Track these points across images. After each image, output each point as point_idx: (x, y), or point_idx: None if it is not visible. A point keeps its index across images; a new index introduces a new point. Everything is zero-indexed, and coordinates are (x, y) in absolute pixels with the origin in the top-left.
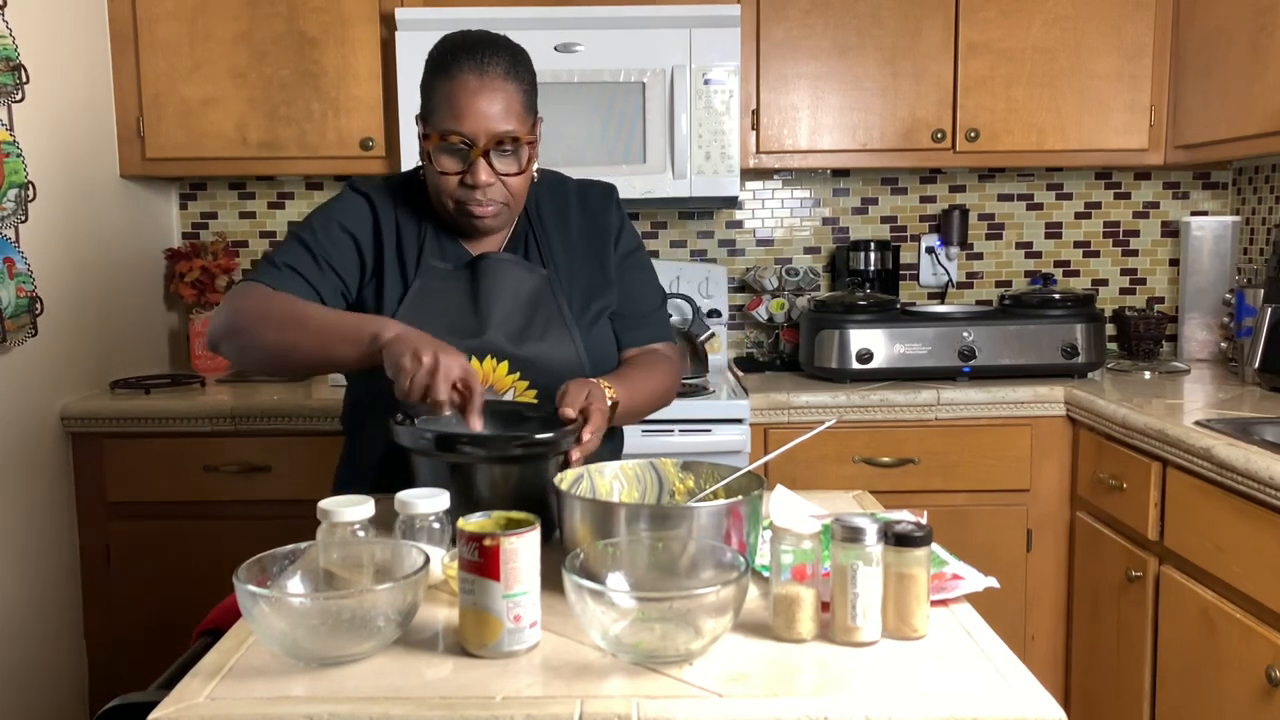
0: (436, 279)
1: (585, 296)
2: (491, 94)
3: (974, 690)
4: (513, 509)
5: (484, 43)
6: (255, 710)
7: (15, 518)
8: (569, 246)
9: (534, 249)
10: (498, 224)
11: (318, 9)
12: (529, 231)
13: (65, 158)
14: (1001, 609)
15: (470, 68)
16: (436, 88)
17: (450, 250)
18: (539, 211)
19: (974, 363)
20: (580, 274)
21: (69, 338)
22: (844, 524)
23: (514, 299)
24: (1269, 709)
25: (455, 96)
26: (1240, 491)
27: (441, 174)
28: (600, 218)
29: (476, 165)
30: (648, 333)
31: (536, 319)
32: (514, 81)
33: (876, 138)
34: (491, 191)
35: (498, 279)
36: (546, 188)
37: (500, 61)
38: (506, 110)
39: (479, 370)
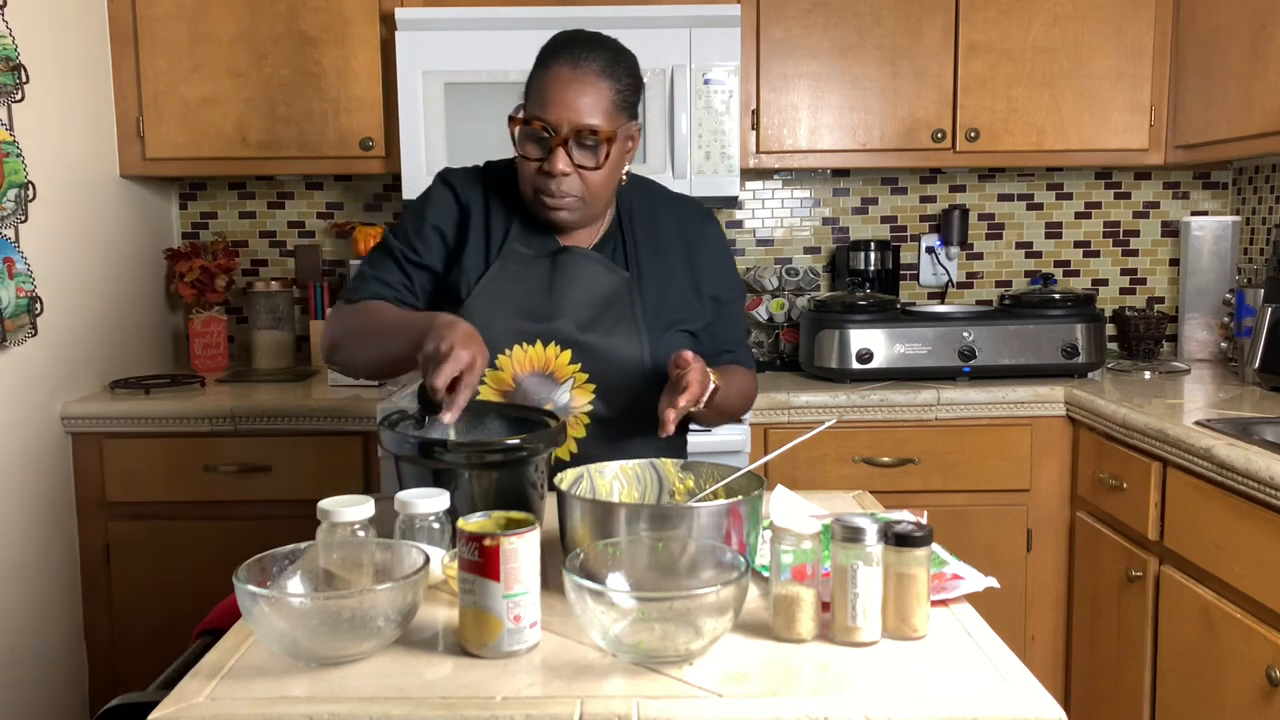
0: (516, 263)
1: (663, 307)
2: (581, 87)
3: (974, 690)
4: (495, 509)
5: (586, 39)
6: (255, 710)
7: (15, 518)
8: (657, 255)
9: (621, 251)
10: (573, 219)
11: (318, 9)
12: (619, 234)
13: (65, 158)
14: (1001, 609)
15: (566, 60)
16: (534, 77)
17: (537, 240)
18: (631, 216)
19: (974, 363)
20: (663, 285)
21: (69, 338)
22: (844, 524)
23: (589, 294)
24: (1269, 709)
25: (546, 85)
26: (1240, 491)
27: (523, 159)
28: (701, 242)
29: (555, 154)
30: (737, 359)
31: (608, 315)
32: (608, 80)
33: (876, 138)
34: (567, 183)
35: (576, 272)
36: (640, 193)
37: (598, 58)
38: (594, 105)
39: (542, 355)
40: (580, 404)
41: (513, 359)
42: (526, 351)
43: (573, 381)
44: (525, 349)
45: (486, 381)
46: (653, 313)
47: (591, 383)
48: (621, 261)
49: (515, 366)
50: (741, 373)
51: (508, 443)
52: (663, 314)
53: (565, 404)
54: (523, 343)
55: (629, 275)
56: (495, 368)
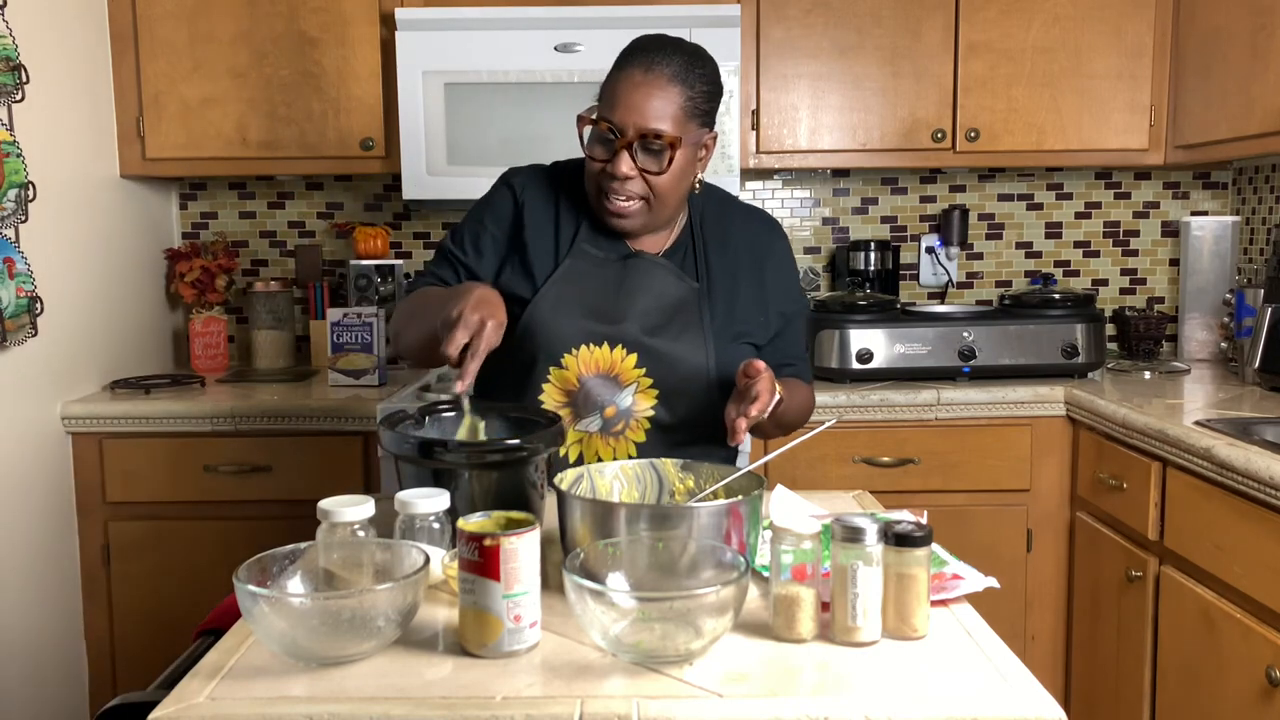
0: (586, 263)
1: (731, 318)
2: (650, 90)
3: (974, 690)
4: (495, 509)
5: (663, 43)
6: (255, 710)
7: (15, 518)
8: (726, 266)
9: (691, 260)
10: (633, 225)
11: (318, 9)
12: (690, 242)
13: (65, 158)
14: (1001, 609)
15: (639, 63)
16: (609, 78)
17: (606, 243)
18: (703, 225)
19: (974, 363)
20: (731, 296)
21: (69, 338)
22: (844, 524)
23: (657, 301)
24: (1269, 709)
25: (617, 87)
26: (1240, 491)
27: (589, 158)
28: (768, 252)
29: (619, 156)
30: (797, 371)
31: (674, 323)
32: (680, 85)
33: (876, 138)
34: (630, 185)
35: (646, 278)
36: (712, 203)
37: (671, 64)
38: (662, 110)
39: (609, 357)
40: (643, 408)
41: (578, 359)
42: (593, 352)
43: (636, 385)
44: (591, 350)
45: (551, 380)
46: (721, 323)
47: (655, 388)
48: (691, 270)
49: (580, 366)
50: (802, 387)
51: (508, 443)
52: (730, 325)
53: (628, 407)
54: (589, 343)
55: (698, 286)
56: (561, 366)
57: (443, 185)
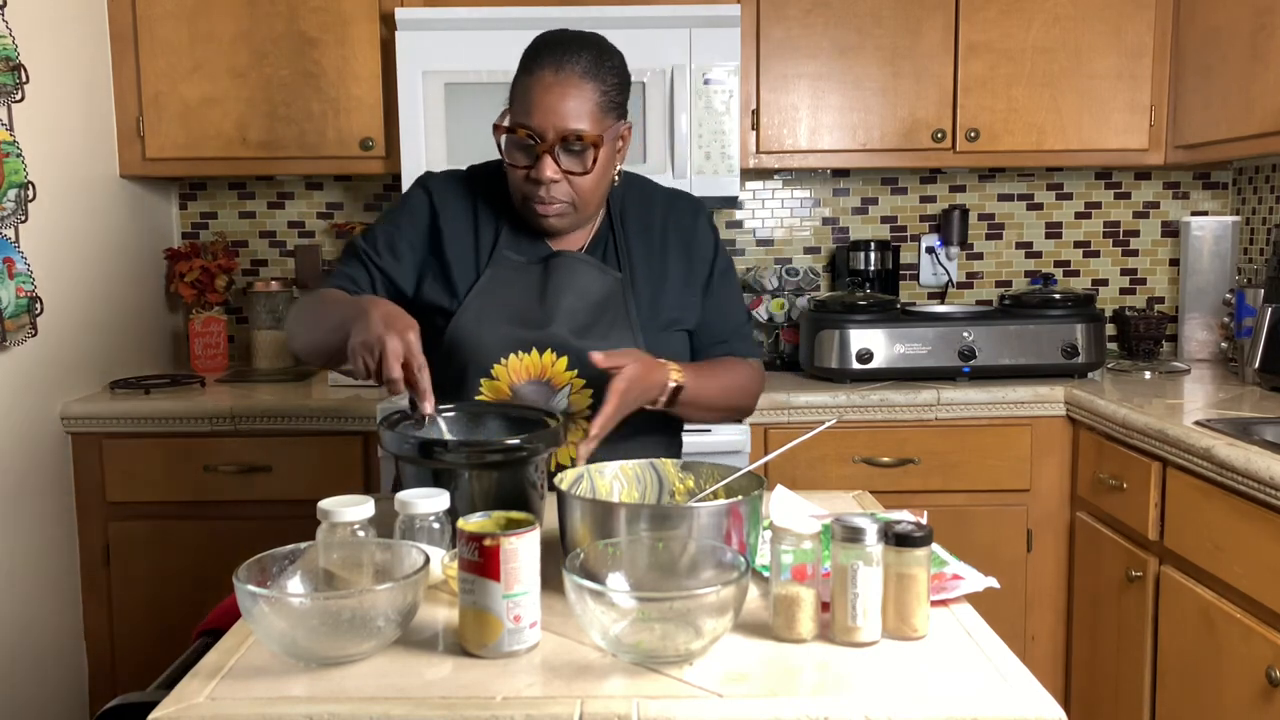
0: (508, 270)
1: (658, 306)
2: (565, 91)
3: (974, 690)
4: (495, 509)
5: (569, 41)
6: (255, 710)
7: (15, 518)
8: (650, 254)
9: (613, 252)
10: (563, 224)
11: (318, 9)
12: (610, 234)
13: (65, 158)
14: (1001, 609)
15: (549, 64)
16: (519, 82)
17: (527, 245)
18: (623, 215)
19: (974, 363)
20: (658, 283)
21: (69, 338)
22: (844, 524)
23: (582, 298)
24: (1269, 709)
25: (530, 91)
26: (1240, 491)
27: (511, 166)
28: (691, 234)
29: (542, 161)
30: (732, 349)
31: (602, 319)
32: (593, 81)
33: (876, 138)
34: (556, 189)
35: (568, 277)
36: (633, 191)
37: (581, 60)
38: (579, 109)
39: (539, 362)
40: (580, 409)
41: (508, 368)
42: (522, 360)
43: (570, 388)
44: (521, 357)
45: (484, 391)
46: (647, 313)
47: (589, 388)
48: (614, 262)
49: (511, 375)
50: (733, 364)
51: (508, 443)
52: (658, 314)
53: (564, 410)
54: (518, 351)
55: (621, 276)
56: (492, 377)
57: None
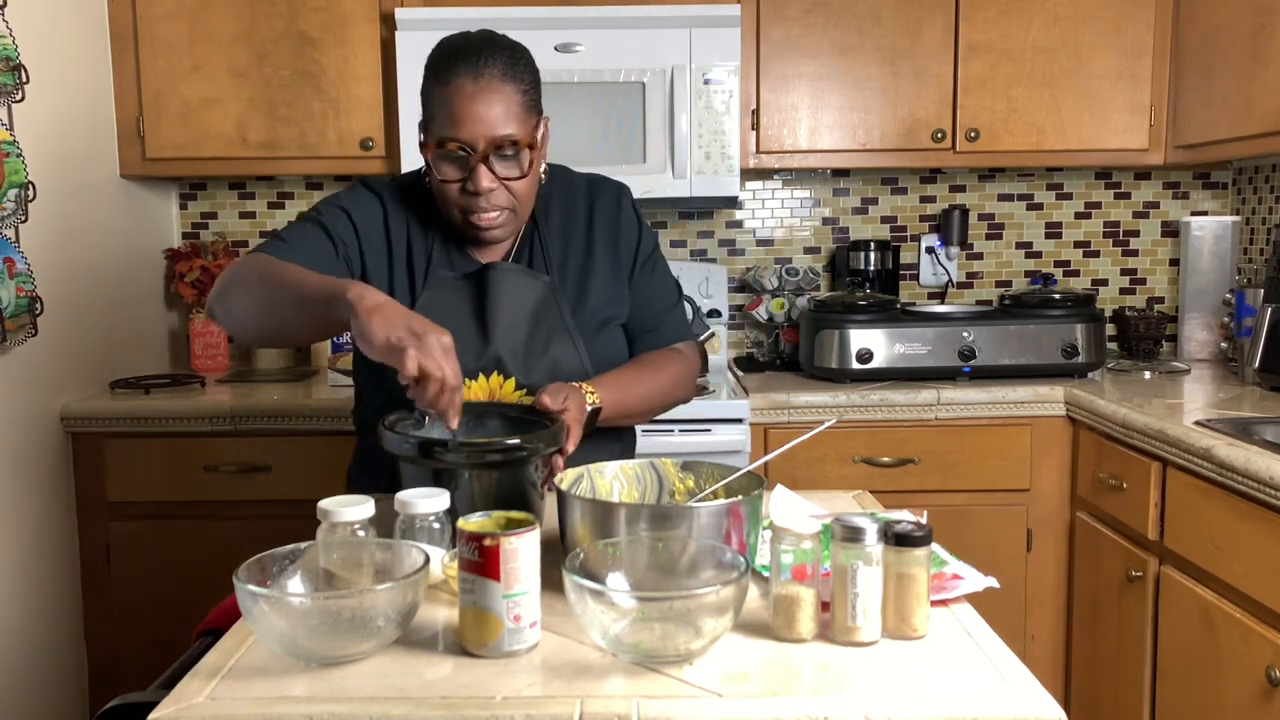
0: (445, 289)
1: (590, 303)
2: (489, 97)
3: (974, 690)
4: (495, 509)
5: (479, 45)
6: (255, 710)
7: (15, 518)
8: (575, 249)
9: (539, 254)
10: (505, 233)
11: (318, 9)
12: (534, 235)
13: (65, 158)
14: (1001, 609)
15: (465, 72)
16: (434, 94)
17: (457, 259)
18: (546, 213)
19: (974, 363)
20: (586, 279)
21: (69, 338)
22: (844, 524)
23: (518, 311)
24: (1269, 709)
25: (452, 102)
26: (1240, 491)
27: (443, 182)
28: (613, 221)
29: (477, 171)
30: (662, 335)
31: (539, 331)
32: (512, 83)
33: (876, 138)
34: (495, 197)
35: (501, 290)
36: (556, 186)
37: (497, 63)
38: (505, 113)
39: (485, 387)
40: None
41: None
42: (470, 387)
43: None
44: (469, 384)
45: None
46: (581, 315)
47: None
48: (541, 265)
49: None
50: (658, 360)
51: (508, 443)
52: (592, 313)
53: None
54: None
55: (550, 279)
56: None
57: None
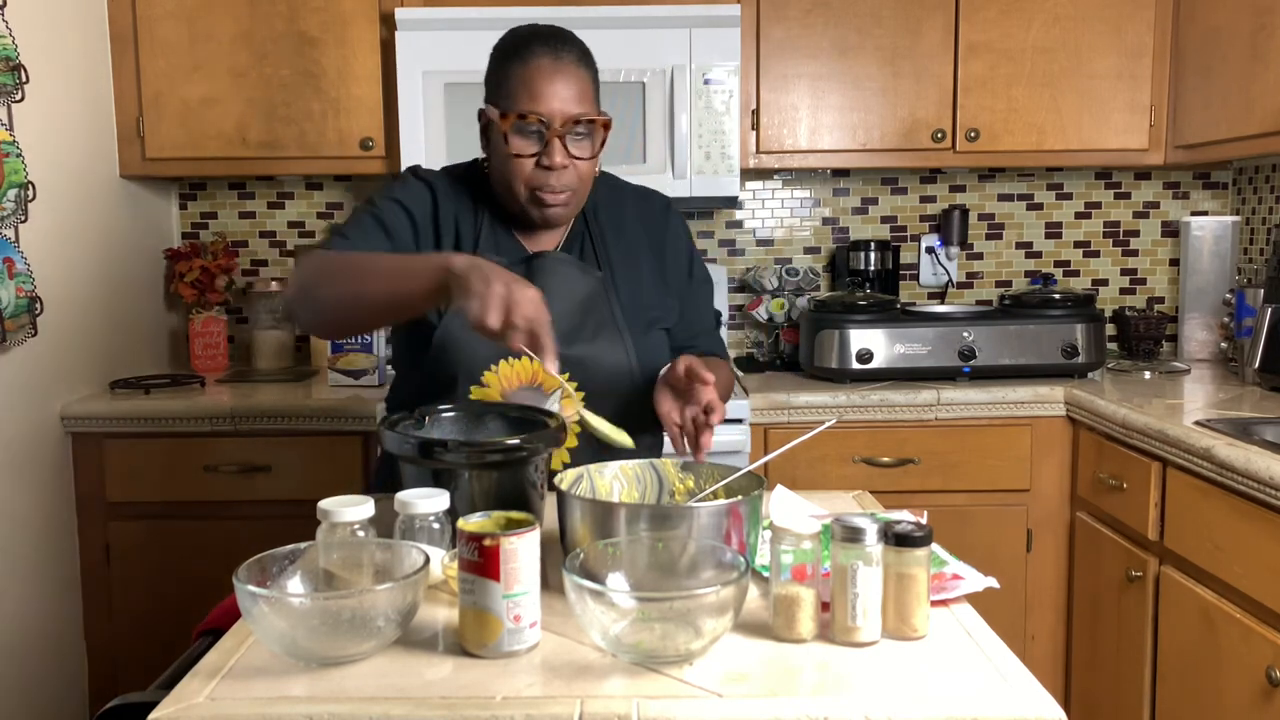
0: None
1: (639, 304)
2: (567, 77)
3: (974, 690)
4: (495, 509)
5: (555, 31)
6: (255, 710)
7: (15, 518)
8: (625, 251)
9: (589, 249)
10: (566, 214)
11: (318, 9)
12: (585, 231)
13: (65, 158)
14: (1001, 609)
15: (545, 52)
16: (511, 73)
17: (506, 245)
18: (595, 212)
19: (974, 363)
20: (636, 281)
21: (69, 338)
22: (844, 524)
23: (568, 300)
24: (1269, 709)
25: (532, 79)
26: (1240, 491)
27: (516, 156)
28: (660, 229)
29: (552, 146)
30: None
31: (589, 322)
32: (586, 68)
33: (876, 138)
34: (565, 176)
35: (553, 278)
36: (602, 189)
37: (573, 49)
38: (581, 94)
39: (530, 368)
40: (570, 413)
41: (499, 374)
42: (513, 366)
43: (560, 391)
44: (511, 363)
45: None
46: (630, 313)
47: (580, 391)
48: (592, 259)
49: (503, 382)
50: (717, 364)
51: (508, 443)
52: (640, 313)
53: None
54: (508, 357)
55: (602, 274)
56: (482, 384)
57: None
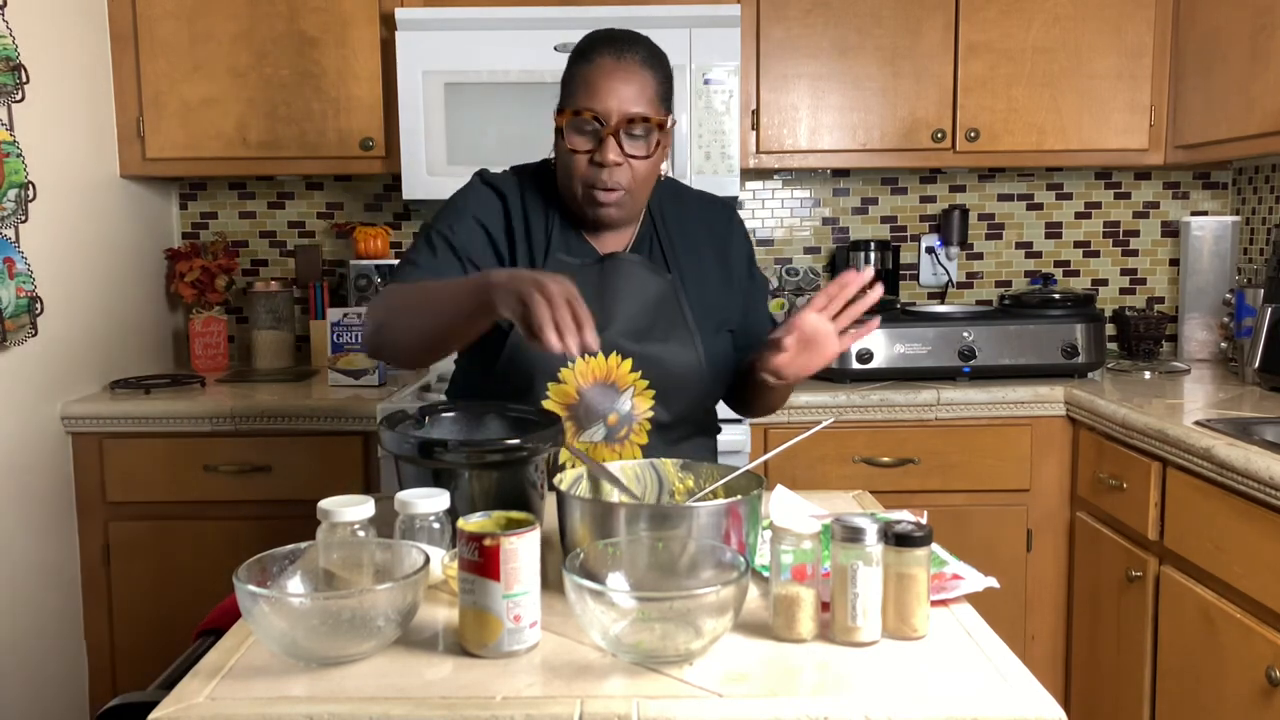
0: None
1: (708, 306)
2: (627, 76)
3: (974, 690)
4: (495, 509)
5: (625, 34)
6: (255, 710)
7: (15, 518)
8: (692, 254)
9: (658, 252)
10: (620, 214)
11: (318, 9)
12: (654, 235)
13: (65, 158)
14: (1001, 609)
15: (608, 53)
16: (575, 73)
17: (577, 246)
18: (663, 215)
19: (974, 363)
20: (703, 283)
21: (69, 338)
22: (844, 524)
23: (639, 301)
24: (1269, 709)
25: (591, 77)
26: (1240, 491)
27: (572, 151)
28: (724, 233)
29: (606, 143)
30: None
31: (660, 322)
32: (650, 70)
33: (876, 138)
34: (618, 174)
35: (625, 280)
36: (669, 194)
37: (638, 51)
38: (639, 93)
39: (604, 365)
40: (642, 410)
41: (575, 371)
42: (589, 362)
43: (633, 389)
44: (588, 360)
45: (550, 395)
46: (700, 313)
47: (651, 389)
48: (660, 263)
49: (578, 378)
50: None
51: (508, 443)
52: (709, 314)
53: (628, 411)
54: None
55: (672, 276)
56: (559, 381)
57: (443, 185)
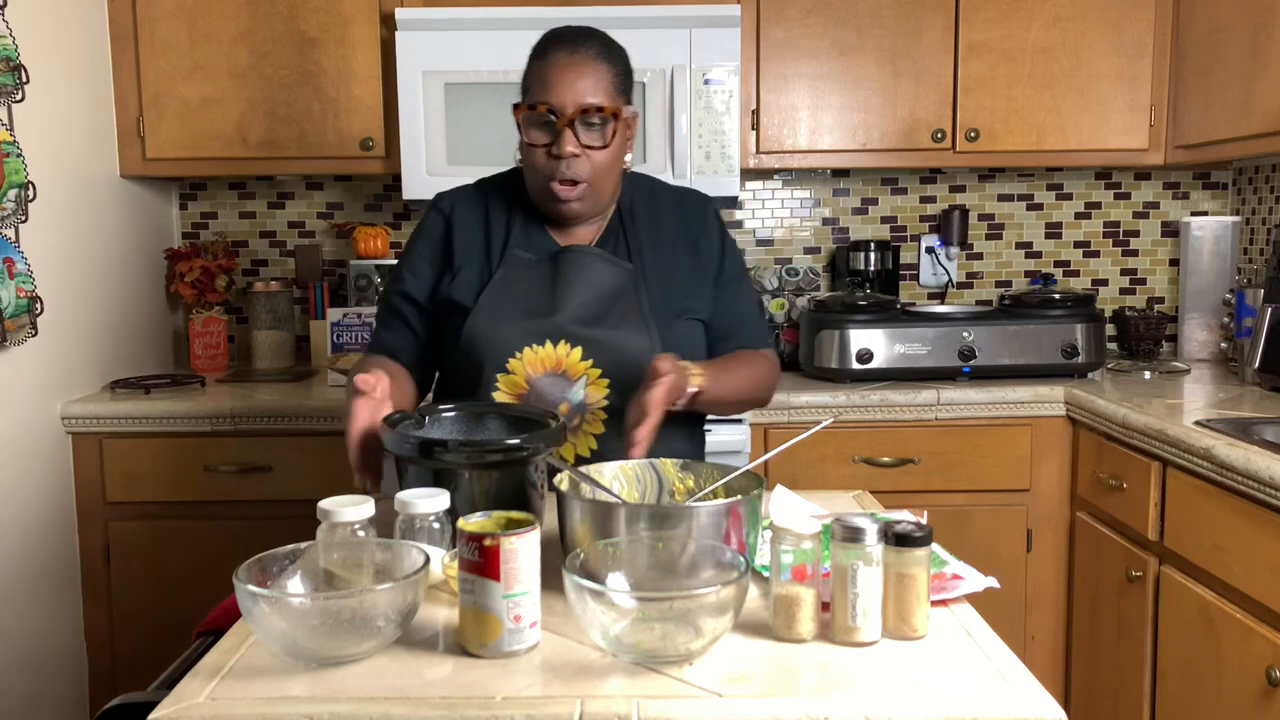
0: (519, 268)
1: (670, 295)
2: (581, 68)
3: (974, 690)
4: (495, 509)
5: (580, 30)
6: (255, 710)
7: (15, 518)
8: (660, 246)
9: (623, 246)
10: (583, 208)
11: (318, 9)
12: (620, 229)
13: (65, 158)
14: (1001, 609)
15: (563, 48)
16: (532, 68)
17: (538, 242)
18: (632, 211)
19: (974, 363)
20: (670, 274)
21: (69, 338)
22: (844, 524)
23: (593, 290)
24: (1269, 709)
25: (546, 72)
26: (1240, 491)
27: (530, 145)
28: (700, 228)
29: (563, 135)
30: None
31: (614, 309)
32: (605, 62)
33: (876, 138)
34: (577, 165)
35: (578, 270)
36: (642, 190)
37: (593, 45)
38: (595, 85)
39: (553, 354)
40: (596, 400)
41: (524, 361)
42: (537, 352)
43: (586, 378)
44: (535, 350)
45: (500, 386)
46: (659, 303)
47: (605, 378)
48: (624, 255)
49: (527, 368)
50: (748, 358)
51: (508, 443)
52: (670, 303)
53: (581, 401)
54: (531, 344)
55: (632, 268)
56: (508, 371)
57: (443, 185)
